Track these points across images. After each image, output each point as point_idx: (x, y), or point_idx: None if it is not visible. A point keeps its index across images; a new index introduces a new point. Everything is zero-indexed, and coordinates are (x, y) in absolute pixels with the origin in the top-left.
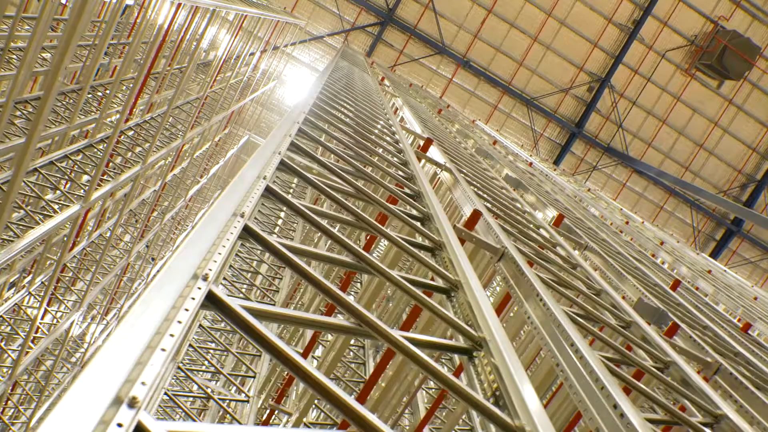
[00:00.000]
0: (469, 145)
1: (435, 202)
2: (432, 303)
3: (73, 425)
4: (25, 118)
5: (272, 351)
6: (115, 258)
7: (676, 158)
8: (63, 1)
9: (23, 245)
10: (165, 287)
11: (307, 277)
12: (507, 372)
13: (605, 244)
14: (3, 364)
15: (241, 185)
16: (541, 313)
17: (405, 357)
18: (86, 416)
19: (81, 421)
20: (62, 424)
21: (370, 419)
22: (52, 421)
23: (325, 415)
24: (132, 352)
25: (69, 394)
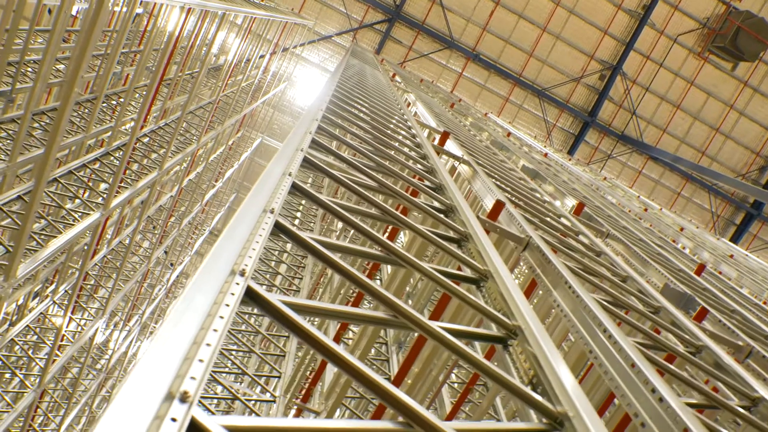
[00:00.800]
0: (483, 138)
1: (458, 194)
2: (464, 293)
3: (130, 421)
4: (42, 129)
5: (315, 344)
6: (134, 265)
7: (691, 143)
8: (73, 12)
9: (47, 254)
10: (205, 283)
11: (341, 272)
12: (545, 359)
13: (627, 232)
14: (30, 372)
15: (268, 182)
16: (570, 300)
17: (443, 347)
18: (141, 412)
19: (137, 416)
20: (119, 421)
21: (419, 411)
22: (109, 417)
23: (351, 412)
24: (179, 348)
25: (123, 391)
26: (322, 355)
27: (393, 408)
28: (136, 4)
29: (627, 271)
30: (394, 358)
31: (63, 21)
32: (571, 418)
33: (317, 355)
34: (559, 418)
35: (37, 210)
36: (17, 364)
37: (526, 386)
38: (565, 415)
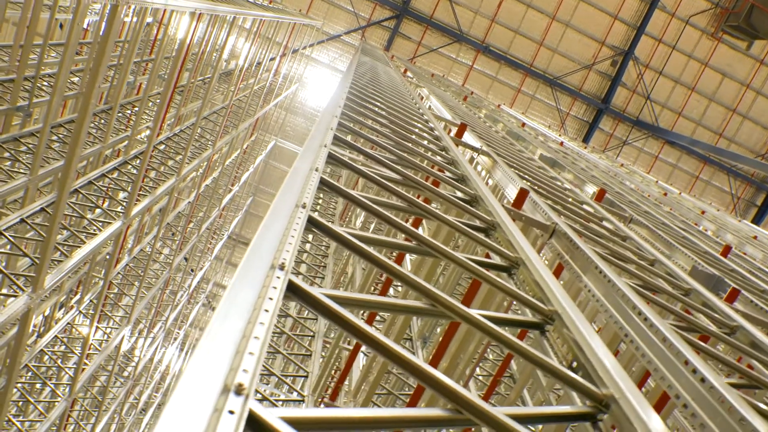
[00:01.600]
0: (499, 129)
1: (481, 184)
2: (499, 281)
3: (190, 414)
4: (61, 141)
5: (361, 335)
6: (156, 272)
7: (708, 125)
8: (84, 26)
9: (72, 264)
10: (248, 278)
11: (377, 263)
12: (585, 342)
13: (649, 216)
14: (60, 382)
15: (297, 178)
16: (602, 285)
17: (483, 333)
18: (200, 405)
19: (196, 410)
20: (179, 414)
21: (470, 398)
22: (169, 411)
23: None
24: (230, 342)
25: (180, 385)
26: (370, 347)
27: (443, 396)
28: (147, 14)
29: (654, 255)
30: (419, 353)
31: (76, 35)
32: (617, 399)
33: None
34: (605, 401)
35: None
36: (47, 374)
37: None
38: (611, 397)
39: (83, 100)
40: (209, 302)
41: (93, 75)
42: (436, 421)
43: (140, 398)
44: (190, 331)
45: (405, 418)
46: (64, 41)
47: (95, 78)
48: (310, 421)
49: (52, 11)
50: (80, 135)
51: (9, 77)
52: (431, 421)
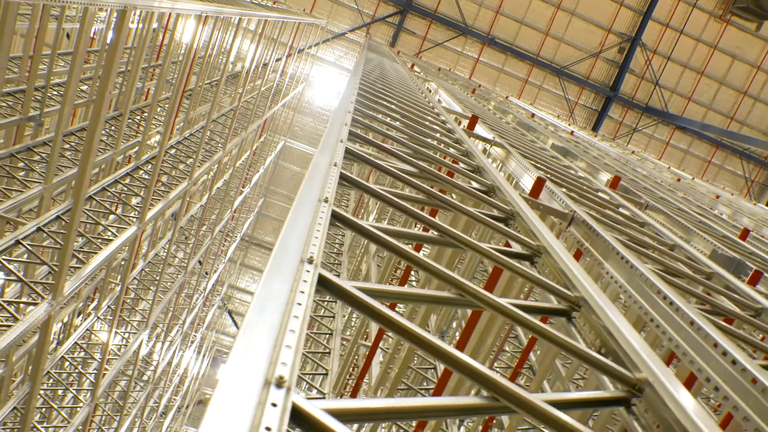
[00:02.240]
0: (509, 120)
1: (497, 174)
2: (523, 269)
3: (234, 409)
4: (73, 149)
5: (394, 326)
6: (170, 276)
7: (719, 109)
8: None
9: (90, 270)
10: (279, 272)
11: (402, 255)
12: (614, 328)
13: (665, 202)
14: (81, 388)
15: (317, 173)
16: (624, 270)
17: (512, 321)
18: (244, 399)
19: (240, 404)
20: (224, 409)
21: (507, 385)
22: (213, 407)
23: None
24: (268, 335)
25: (222, 380)
26: (403, 338)
27: (481, 384)
28: (153, 20)
29: (673, 240)
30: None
31: (84, 43)
32: (652, 383)
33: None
34: (638, 385)
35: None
36: (68, 380)
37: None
38: (645, 381)
39: (95, 108)
40: (224, 304)
41: (103, 82)
42: (474, 409)
43: (160, 402)
44: (207, 334)
45: (444, 406)
46: (71, 50)
47: (106, 85)
48: (353, 411)
49: (60, 21)
50: (93, 143)
51: (20, 88)
52: (469, 410)
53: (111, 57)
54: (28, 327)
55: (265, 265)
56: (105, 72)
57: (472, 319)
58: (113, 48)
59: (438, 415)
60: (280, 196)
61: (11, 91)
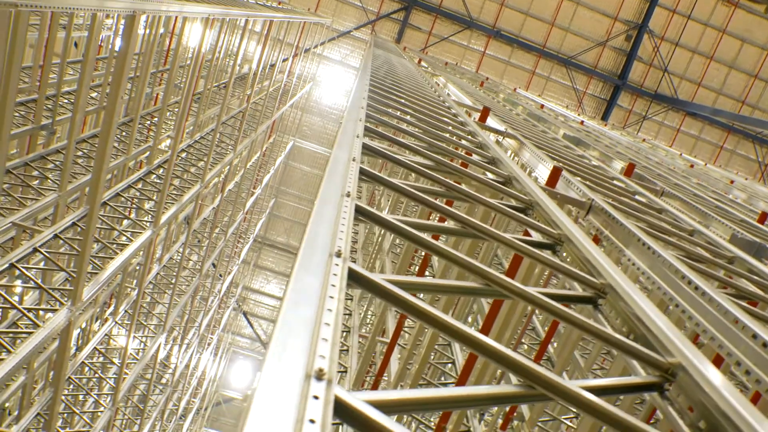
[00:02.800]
0: (519, 112)
1: (513, 165)
2: (548, 257)
3: (277, 401)
4: (85, 156)
5: (428, 319)
6: (185, 279)
7: (730, 93)
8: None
9: (108, 275)
10: (310, 266)
11: (429, 248)
12: (643, 313)
13: (680, 188)
14: (102, 392)
15: (338, 168)
16: (646, 257)
17: (540, 309)
18: (286, 392)
19: (283, 397)
20: (267, 402)
21: (543, 373)
22: (257, 401)
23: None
24: (304, 329)
25: (264, 375)
26: (436, 329)
27: (517, 373)
28: (160, 26)
29: (692, 225)
30: (456, 346)
31: (93, 52)
32: (685, 367)
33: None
34: (671, 369)
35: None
36: (87, 385)
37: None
38: (678, 366)
39: (107, 115)
40: (239, 306)
41: (114, 89)
42: (511, 398)
43: (179, 404)
44: (223, 336)
45: (482, 396)
46: (79, 59)
47: (117, 92)
48: (393, 402)
49: (68, 30)
50: (106, 149)
51: (31, 97)
52: (507, 398)
53: (121, 63)
54: (49, 333)
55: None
56: (116, 78)
57: (492, 311)
58: (123, 54)
59: (476, 405)
60: (291, 196)
61: (23, 100)
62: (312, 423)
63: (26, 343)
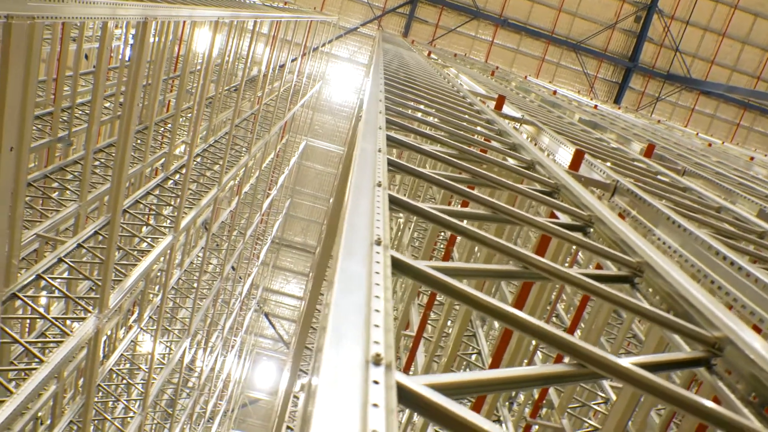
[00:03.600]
0: (532, 98)
1: (536, 150)
2: (582, 239)
3: (341, 389)
4: (102, 165)
5: (474, 303)
6: (207, 283)
7: (744, 70)
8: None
9: (132, 281)
10: (354, 254)
11: (466, 234)
12: (684, 289)
13: (701, 167)
14: (130, 398)
15: (366, 159)
16: (677, 235)
17: (583, 291)
18: (347, 378)
19: (345, 383)
20: (331, 390)
21: (595, 352)
22: (322, 390)
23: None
24: (356, 315)
25: (324, 362)
26: (484, 312)
27: (565, 352)
28: (169, 32)
29: (719, 202)
30: (479, 332)
31: (105, 62)
32: (733, 341)
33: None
34: (717, 344)
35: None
36: (116, 391)
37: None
38: (725, 339)
39: (124, 123)
40: (260, 307)
41: (130, 97)
42: (564, 377)
43: (206, 407)
44: (246, 338)
45: (535, 376)
46: (90, 70)
47: (133, 100)
48: (453, 385)
49: (79, 43)
50: (125, 157)
51: (47, 111)
52: (559, 377)
53: (135, 71)
54: (79, 341)
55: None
56: (130, 87)
57: (521, 298)
58: (137, 62)
59: (529, 385)
60: (306, 195)
61: (39, 114)
62: (375, 407)
63: (57, 351)
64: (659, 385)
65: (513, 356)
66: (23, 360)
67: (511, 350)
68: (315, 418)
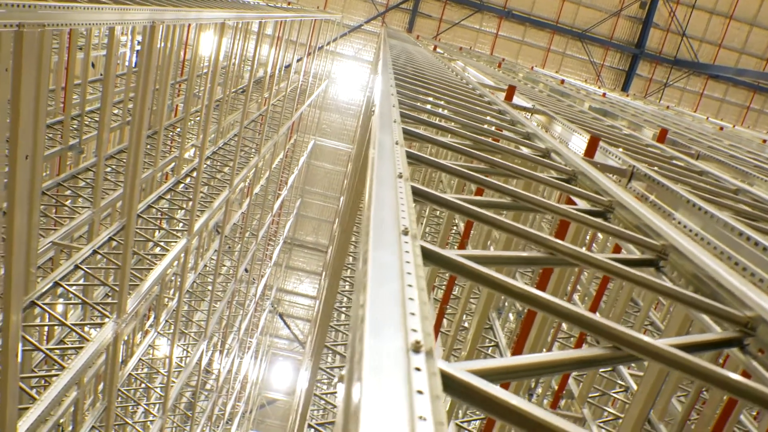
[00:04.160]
0: (541, 89)
1: (550, 138)
2: (605, 224)
3: (388, 374)
4: (114, 171)
5: (505, 290)
6: (221, 285)
7: (752, 52)
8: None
9: (148, 285)
10: (383, 245)
11: (488, 222)
12: (712, 270)
13: (715, 150)
14: (150, 402)
15: (385, 151)
16: (698, 218)
17: (611, 275)
18: (394, 366)
19: (392, 370)
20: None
21: (630, 333)
22: (367, 374)
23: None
24: (392, 304)
25: (366, 350)
26: (517, 299)
27: (598, 334)
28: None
29: (736, 184)
30: (496, 324)
31: (113, 69)
32: (766, 320)
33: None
34: (750, 323)
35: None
36: (135, 396)
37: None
38: (757, 319)
39: (135, 129)
40: (274, 308)
41: (141, 102)
42: (600, 360)
43: (225, 409)
44: (262, 339)
45: (573, 359)
46: (98, 77)
47: (143, 106)
48: (494, 371)
49: (87, 51)
50: (138, 163)
51: (57, 119)
52: (596, 361)
53: (145, 76)
54: (98, 347)
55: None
56: (140, 92)
57: (540, 287)
58: (146, 67)
59: (568, 369)
60: (316, 195)
61: (50, 123)
62: (420, 394)
63: (78, 357)
64: (699, 366)
65: (533, 347)
66: (43, 368)
67: (531, 340)
68: (363, 406)
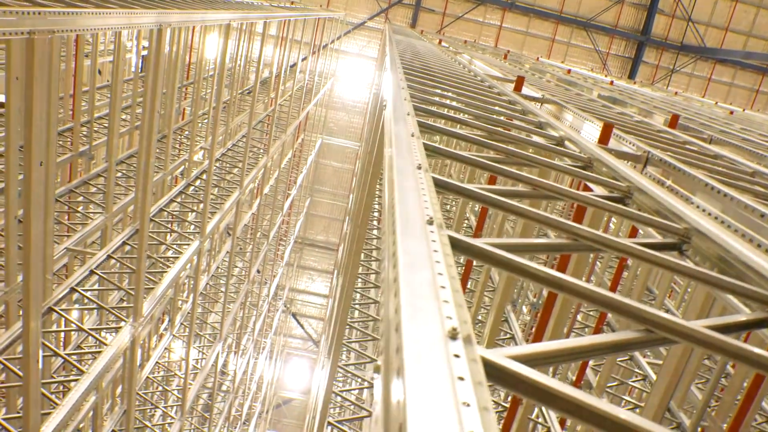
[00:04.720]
0: (548, 79)
1: (563, 126)
2: (626, 209)
3: (428, 362)
4: (124, 176)
5: (533, 276)
6: (234, 286)
7: (760, 34)
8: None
9: (163, 288)
10: (411, 234)
11: (514, 211)
12: (738, 251)
13: (727, 134)
14: (167, 404)
15: (402, 143)
16: (718, 202)
17: (636, 259)
18: (434, 353)
19: (432, 357)
20: (419, 362)
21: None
22: (409, 362)
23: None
24: (427, 292)
25: (405, 337)
26: (545, 285)
27: (629, 317)
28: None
29: (751, 167)
30: (511, 316)
31: (120, 75)
32: None
33: None
34: None
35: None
36: (152, 398)
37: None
38: None
39: (146, 133)
40: (287, 308)
41: (150, 106)
42: (636, 343)
43: (242, 409)
44: (276, 339)
45: (609, 343)
46: (105, 83)
47: (153, 110)
48: (534, 356)
49: (94, 58)
50: (149, 167)
51: (67, 126)
52: (632, 344)
53: (153, 80)
54: (116, 350)
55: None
56: (149, 95)
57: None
58: (154, 71)
59: (604, 353)
60: (325, 193)
61: (60, 130)
62: (461, 380)
63: (97, 361)
64: (736, 347)
65: (552, 337)
66: (61, 373)
67: (549, 330)
68: (408, 395)
